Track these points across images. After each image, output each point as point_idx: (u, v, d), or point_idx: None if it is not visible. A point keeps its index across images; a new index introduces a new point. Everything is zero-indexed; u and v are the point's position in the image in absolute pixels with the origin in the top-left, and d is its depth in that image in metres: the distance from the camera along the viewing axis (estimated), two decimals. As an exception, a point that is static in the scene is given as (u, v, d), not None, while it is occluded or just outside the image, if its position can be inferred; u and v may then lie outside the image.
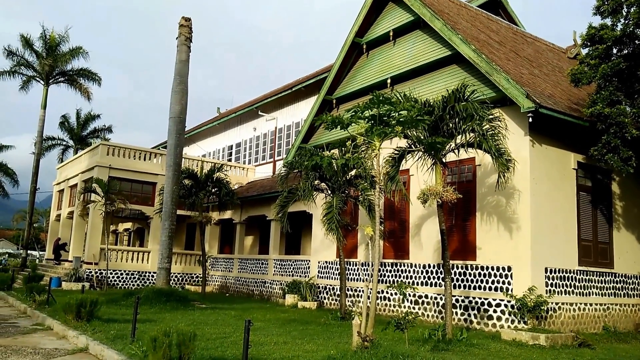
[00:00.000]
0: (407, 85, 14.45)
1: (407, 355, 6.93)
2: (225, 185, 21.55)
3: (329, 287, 17.17)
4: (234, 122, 30.39)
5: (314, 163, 11.67)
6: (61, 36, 33.74)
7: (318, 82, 21.47)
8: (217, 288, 24.03)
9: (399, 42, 15.64)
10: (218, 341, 8.73)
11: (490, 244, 12.21)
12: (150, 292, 15.16)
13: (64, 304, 10.51)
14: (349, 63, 17.44)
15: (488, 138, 10.18)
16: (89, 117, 43.16)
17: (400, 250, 14.66)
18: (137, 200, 23.79)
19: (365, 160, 11.68)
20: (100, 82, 35.25)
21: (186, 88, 18.28)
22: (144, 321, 10.30)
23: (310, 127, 18.36)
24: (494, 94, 12.28)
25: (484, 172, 12.55)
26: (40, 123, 33.23)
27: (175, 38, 18.64)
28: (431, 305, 13.40)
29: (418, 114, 8.67)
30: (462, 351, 8.74)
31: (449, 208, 12.50)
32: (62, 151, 43.11)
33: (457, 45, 13.04)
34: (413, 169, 12.96)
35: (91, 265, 21.77)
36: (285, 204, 15.07)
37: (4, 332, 9.90)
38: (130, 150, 23.98)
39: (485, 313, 12.07)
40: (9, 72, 33.35)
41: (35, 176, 33.29)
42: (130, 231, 34.42)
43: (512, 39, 16.87)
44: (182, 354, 6.22)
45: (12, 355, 7.75)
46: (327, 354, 7.47)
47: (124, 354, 7.38)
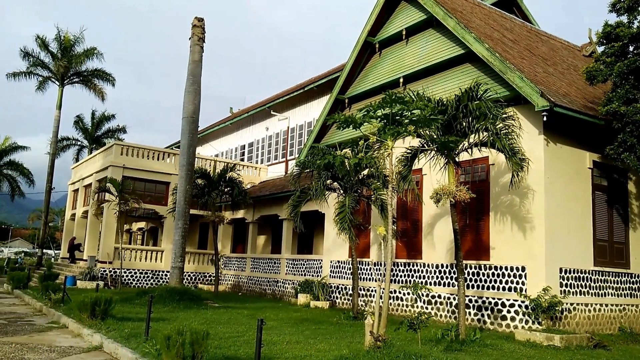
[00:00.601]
0: (420, 84, 14.37)
1: (419, 356, 6.90)
2: (237, 185, 21.62)
3: (341, 286, 17.15)
4: (246, 122, 30.49)
5: (326, 162, 11.67)
6: (76, 37, 34.11)
7: (330, 82, 21.46)
8: (229, 287, 24.13)
9: (412, 40, 15.57)
10: (231, 340, 8.76)
11: (504, 243, 12.12)
12: (163, 291, 15.25)
13: (79, 303, 10.62)
14: (361, 62, 17.40)
15: (501, 137, 10.10)
16: (103, 118, 43.58)
17: (413, 250, 14.60)
18: (151, 200, 23.96)
19: (378, 159, 11.66)
20: (114, 82, 35.57)
21: (199, 88, 18.37)
22: (157, 320, 10.37)
23: (322, 127, 18.36)
24: (507, 93, 12.18)
25: (498, 171, 12.46)
26: (55, 123, 33.61)
27: (189, 38, 18.74)
28: (444, 305, 13.33)
29: (431, 113, 8.62)
30: (475, 351, 8.68)
31: (462, 208, 12.42)
32: (77, 151, 43.58)
33: (470, 44, 12.95)
34: (426, 168, 12.89)
35: (105, 264, 21.98)
36: (298, 203, 15.08)
37: (20, 330, 10.03)
38: (144, 150, 24.16)
39: (498, 313, 11.98)
40: (25, 73, 33.78)
41: (51, 176, 33.68)
42: (143, 230, 34.69)
43: (526, 37, 16.72)
44: (195, 353, 6.25)
45: (28, 352, 7.85)
46: (340, 353, 7.46)
47: (137, 352, 7.44)
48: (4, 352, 7.73)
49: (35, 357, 7.53)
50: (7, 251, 65.22)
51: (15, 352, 7.85)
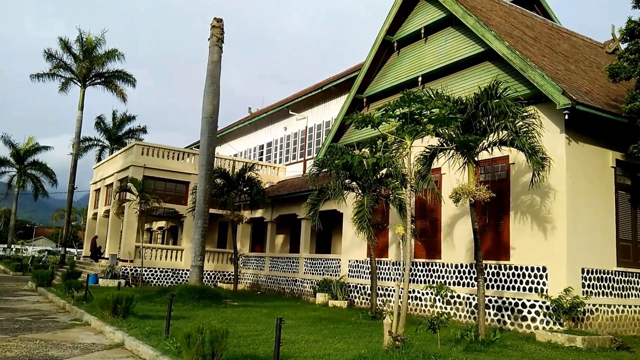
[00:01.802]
0: (439, 83, 14.28)
1: (439, 356, 6.86)
2: (256, 185, 21.74)
3: (359, 286, 17.14)
4: (264, 122, 30.63)
5: (344, 162, 11.65)
6: (97, 39, 34.65)
7: (348, 81, 21.44)
8: (248, 286, 24.28)
9: (431, 39, 15.48)
10: (250, 339, 8.82)
11: (525, 243, 11.98)
12: (183, 289, 15.40)
13: (101, 301, 10.80)
14: (379, 61, 17.35)
15: (521, 136, 9.99)
16: (124, 118, 44.19)
17: (432, 249, 14.53)
18: (171, 199, 24.21)
19: (396, 159, 11.61)
20: (135, 83, 36.05)
21: (218, 88, 18.51)
22: (177, 318, 10.49)
23: (340, 126, 18.35)
24: (528, 91, 12.04)
25: (518, 170, 12.32)
26: (78, 124, 34.17)
27: (208, 39, 18.89)
28: (463, 305, 13.23)
29: (450, 112, 8.56)
30: (495, 352, 8.61)
31: (481, 207, 12.32)
32: (98, 151, 44.27)
33: (490, 42, 12.83)
34: (445, 167, 12.81)
35: (126, 263, 22.28)
36: (316, 203, 15.10)
37: (44, 327, 10.23)
38: (164, 150, 24.43)
39: (519, 314, 11.86)
40: (48, 75, 34.41)
41: (73, 176, 34.25)
42: (164, 229, 35.08)
43: (548, 34, 16.49)
44: (215, 351, 6.31)
45: (52, 349, 8.01)
46: (358, 352, 7.45)
47: (158, 349, 7.53)
48: (29, 349, 7.90)
49: (59, 354, 7.67)
50: (31, 250, 66.50)
51: (40, 348, 8.01)
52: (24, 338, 8.82)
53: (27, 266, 30.68)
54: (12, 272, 29.79)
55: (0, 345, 8.08)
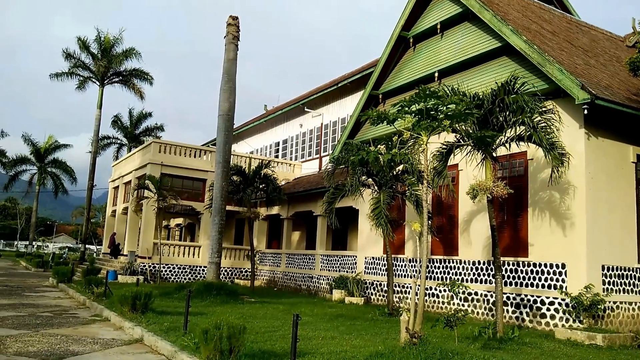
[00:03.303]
0: (456, 79, 14.18)
1: (456, 353, 6.82)
2: (272, 182, 21.81)
3: (376, 283, 17.11)
4: (280, 119, 30.69)
5: (360, 158, 11.62)
6: (115, 38, 34.98)
7: (364, 78, 21.38)
8: (265, 282, 24.39)
9: (447, 34, 15.36)
10: (267, 335, 8.87)
11: (543, 240, 11.86)
12: (201, 285, 15.53)
13: (120, 297, 10.94)
14: (395, 57, 17.27)
15: (539, 131, 9.88)
16: (141, 116, 44.59)
17: (449, 246, 14.45)
18: (188, 196, 24.41)
19: (413, 155, 11.57)
20: (152, 81, 36.37)
21: (234, 86, 18.58)
22: (195, 314, 10.58)
23: (356, 123, 18.32)
24: (546, 86, 11.88)
25: (537, 166, 12.19)
26: (96, 122, 34.58)
27: (223, 37, 18.96)
28: (481, 302, 13.15)
29: (466, 107, 8.49)
30: (514, 350, 8.54)
31: (499, 203, 12.21)
32: (116, 149, 44.76)
33: (507, 37, 12.69)
34: (462, 163, 12.72)
35: (145, 259, 22.53)
36: (333, 200, 15.11)
37: (65, 323, 10.41)
38: (181, 148, 24.63)
39: (537, 311, 11.74)
40: (67, 74, 34.87)
41: (92, 173, 34.69)
42: (181, 226, 35.39)
43: (566, 28, 16.25)
44: (233, 347, 6.36)
45: (73, 344, 8.14)
46: (375, 349, 7.46)
47: (176, 345, 7.61)
48: (50, 344, 8.05)
49: (80, 349, 7.80)
50: (51, 246, 67.63)
51: (61, 343, 8.15)
52: (45, 333, 8.98)
53: (48, 263, 31.22)
54: (34, 269, 30.32)
55: (23, 340, 8.24)
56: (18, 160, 47.86)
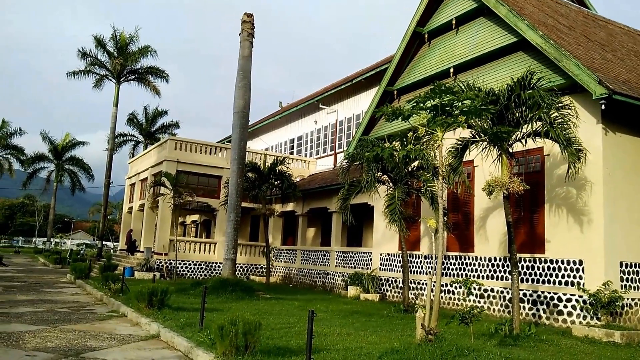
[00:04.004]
0: (471, 74, 14.06)
1: (472, 350, 6.80)
2: (287, 178, 21.86)
3: (391, 279, 17.09)
4: (295, 116, 30.73)
5: (375, 154, 11.61)
6: (131, 36, 35.30)
7: (378, 74, 21.31)
8: (280, 279, 24.49)
9: (462, 30, 15.24)
10: (282, 331, 8.91)
11: (560, 236, 11.74)
12: (216, 282, 15.63)
13: (137, 293, 11.06)
14: (410, 53, 17.18)
15: (555, 127, 9.77)
16: (156, 114, 44.97)
17: (464, 242, 14.37)
18: (204, 193, 24.58)
19: (428, 151, 11.50)
20: (168, 79, 36.65)
21: (249, 83, 18.63)
22: (211, 310, 10.66)
23: (371, 119, 18.28)
24: (563, 81, 11.74)
25: (553, 162, 12.06)
26: (113, 120, 34.95)
27: (238, 34, 19.01)
28: (497, 299, 13.07)
29: (482, 103, 8.43)
30: (530, 347, 8.47)
31: (515, 200, 12.11)
32: (132, 146, 45.23)
33: (523, 32, 12.55)
34: (477, 159, 12.64)
35: (161, 256, 22.75)
36: (348, 196, 15.09)
37: (83, 318, 10.55)
38: (197, 145, 24.79)
39: (554, 308, 11.64)
40: (84, 72, 35.28)
41: (109, 171, 35.09)
42: (197, 223, 35.64)
43: (583, 22, 16.02)
44: (248, 343, 6.41)
45: (90, 340, 8.25)
46: (391, 346, 7.45)
47: (193, 341, 7.68)
48: (68, 339, 8.17)
49: (97, 344, 7.90)
50: (69, 243, 68.56)
51: (79, 339, 8.27)
52: (63, 329, 9.12)
53: (66, 259, 31.67)
54: (52, 265, 30.78)
55: (42, 335, 8.38)
56: (36, 158, 48.62)
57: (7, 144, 49.02)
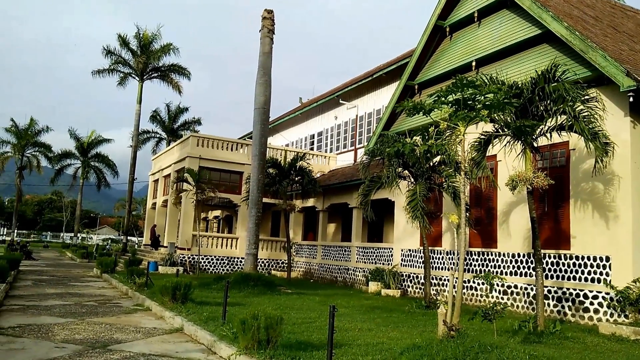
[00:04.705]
0: (494, 68, 13.88)
1: (495, 346, 6.72)
2: (307, 174, 21.89)
3: (412, 275, 17.01)
4: (315, 112, 30.73)
5: (396, 150, 11.52)
6: (153, 34, 35.71)
7: (399, 68, 21.16)
8: (301, 274, 24.57)
9: (484, 22, 15.03)
10: (304, 326, 8.94)
11: (586, 232, 11.53)
12: (238, 276, 15.77)
13: (161, 287, 11.23)
14: (431, 47, 17.02)
15: (581, 120, 9.57)
16: (178, 111, 45.42)
17: (487, 238, 14.22)
18: (225, 189, 24.77)
19: (449, 146, 11.39)
20: (190, 76, 36.98)
21: (269, 79, 18.69)
22: (233, 304, 10.76)
23: (391, 114, 18.17)
24: (589, 74, 11.51)
25: (579, 156, 11.83)
26: (136, 117, 35.43)
27: (259, 31, 19.07)
28: (521, 295, 12.91)
29: (505, 96, 8.30)
30: (555, 344, 8.35)
31: (539, 195, 11.93)
32: (155, 143, 45.80)
33: (547, 23, 12.33)
34: (500, 154, 12.48)
35: (184, 251, 23.02)
36: (368, 192, 15.05)
37: (109, 312, 10.75)
38: (218, 141, 24.98)
39: (580, 305, 11.44)
40: (108, 70, 35.82)
41: (133, 167, 35.62)
42: (219, 218, 35.96)
43: (610, 13, 15.66)
44: (270, 337, 6.45)
45: (116, 332, 8.41)
46: (412, 342, 7.42)
47: (215, 335, 7.76)
48: (95, 332, 8.33)
49: (123, 337, 8.05)
50: (95, 238, 69.83)
51: (105, 331, 8.43)
52: (90, 322, 9.31)
53: (92, 254, 32.27)
54: (79, 260, 31.40)
55: (70, 328, 8.56)
56: (63, 155, 49.60)
57: (35, 142, 50.12)
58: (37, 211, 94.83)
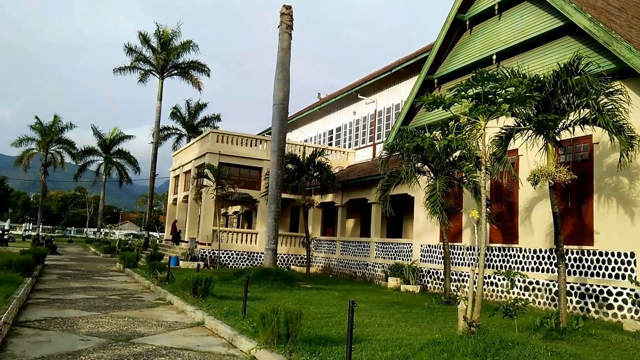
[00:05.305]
0: (515, 61, 13.69)
1: (517, 343, 6.67)
2: (326, 169, 21.90)
3: (432, 271, 16.93)
4: (333, 107, 30.69)
5: (415, 145, 11.48)
6: (173, 31, 36.01)
7: (418, 63, 21.01)
8: (320, 269, 24.63)
9: (505, 15, 14.83)
10: (323, 321, 8.97)
11: (610, 228, 11.33)
12: (258, 271, 15.87)
13: (182, 282, 11.36)
14: (450, 41, 16.85)
15: (605, 113, 9.39)
16: (197, 107, 45.78)
17: (508, 234, 14.07)
18: (245, 185, 24.93)
19: (470, 140, 11.29)
20: (209, 73, 37.21)
21: (288, 75, 18.71)
22: (253, 299, 10.84)
23: (410, 109, 18.06)
24: (613, 66, 11.28)
25: (603, 150, 11.62)
26: (157, 114, 35.81)
27: (277, 27, 19.09)
28: (542, 292, 12.75)
29: (526, 90, 8.20)
30: (578, 341, 8.24)
31: (562, 190, 11.76)
32: (176, 139, 46.26)
33: (570, 15, 12.11)
34: (522, 148, 12.32)
35: (205, 246, 23.25)
36: (387, 187, 15.00)
37: (132, 305, 10.92)
38: (238, 137, 25.13)
39: (604, 302, 11.27)
40: (129, 68, 36.25)
41: (154, 163, 36.03)
42: (239, 214, 36.21)
43: (635, 4, 15.32)
44: (290, 331, 6.49)
45: (139, 326, 8.54)
46: (432, 337, 7.40)
47: (236, 329, 7.83)
48: (118, 325, 8.48)
49: (146, 330, 8.17)
50: (118, 233, 70.90)
51: (128, 325, 8.57)
52: (114, 315, 9.47)
53: (115, 249, 32.77)
54: (102, 254, 31.91)
55: (94, 321, 8.72)
56: (86, 152, 50.43)
57: (59, 139, 51.01)
58: (61, 207, 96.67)
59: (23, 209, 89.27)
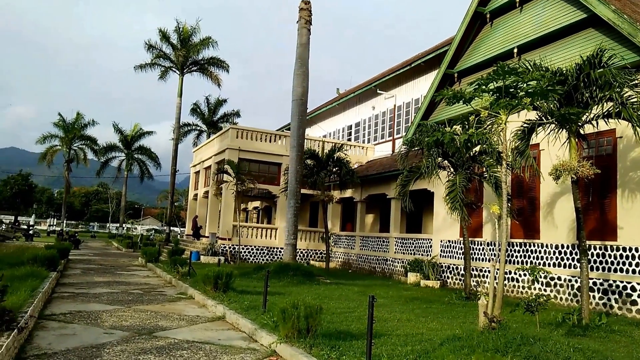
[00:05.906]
0: (536, 54, 13.51)
1: (538, 339, 6.61)
2: (345, 165, 21.89)
3: (452, 266, 16.84)
4: (352, 102, 30.62)
5: (435, 139, 11.39)
6: (193, 28, 36.23)
7: (438, 57, 20.84)
8: (339, 264, 24.67)
9: (526, 8, 14.62)
10: (343, 316, 9.01)
11: (634, 223, 11.13)
12: (278, 266, 15.97)
13: (203, 276, 11.50)
14: (471, 34, 16.68)
15: (628, 106, 9.22)
16: (217, 103, 46.04)
17: (530, 229, 13.92)
18: (264, 180, 25.05)
19: (491, 135, 11.18)
20: (229, 69, 37.38)
21: (307, 71, 18.72)
22: (273, 294, 10.92)
23: (430, 103, 17.94)
24: (637, 58, 11.07)
25: (627, 144, 11.42)
26: (177, 110, 36.14)
27: (296, 22, 19.10)
28: (564, 287, 12.60)
29: (548, 84, 8.09)
30: (601, 337, 8.14)
31: (585, 184, 11.59)
32: (196, 135, 46.62)
33: (593, 7, 11.89)
34: (543, 143, 12.16)
35: (225, 241, 23.45)
36: (406, 182, 14.94)
37: (154, 300, 11.09)
38: (257, 133, 25.25)
39: (627, 298, 11.09)
40: (149, 65, 36.61)
41: (175, 159, 36.39)
42: (258, 209, 36.41)
43: (662, -7, 14.96)
44: (310, 326, 6.54)
45: (161, 320, 8.68)
46: (453, 333, 7.38)
47: (256, 323, 7.91)
48: (141, 319, 8.62)
49: (168, 324, 8.30)
50: (140, 228, 71.88)
51: (151, 318, 8.72)
52: (137, 309, 9.63)
53: (137, 244, 33.26)
54: (124, 249, 32.41)
55: (117, 315, 8.89)
56: (108, 148, 51.14)
57: (82, 135, 51.82)
58: (84, 202, 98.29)
59: (47, 204, 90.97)
